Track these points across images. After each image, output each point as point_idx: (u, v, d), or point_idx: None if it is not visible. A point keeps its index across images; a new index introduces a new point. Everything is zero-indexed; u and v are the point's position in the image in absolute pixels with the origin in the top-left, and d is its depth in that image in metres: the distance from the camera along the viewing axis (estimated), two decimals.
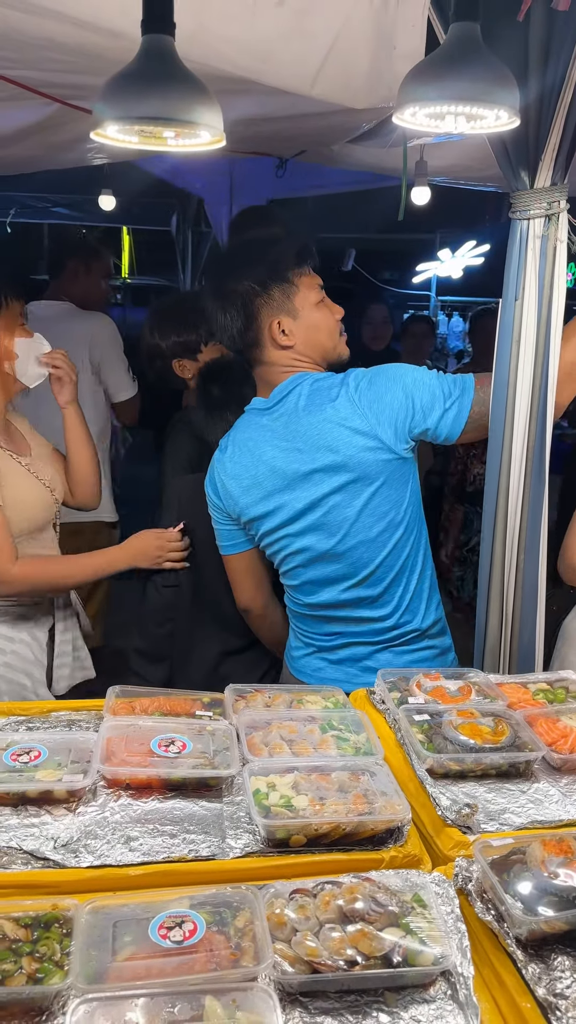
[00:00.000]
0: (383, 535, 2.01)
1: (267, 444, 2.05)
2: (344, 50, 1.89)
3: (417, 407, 1.94)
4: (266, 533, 2.09)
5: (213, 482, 2.15)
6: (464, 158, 3.29)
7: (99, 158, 3.46)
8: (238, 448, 2.09)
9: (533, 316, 1.88)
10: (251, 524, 2.11)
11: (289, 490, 2.03)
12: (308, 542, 2.04)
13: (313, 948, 1.11)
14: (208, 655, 2.42)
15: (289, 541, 2.07)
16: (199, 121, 1.33)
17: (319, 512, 2.01)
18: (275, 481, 2.03)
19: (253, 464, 2.06)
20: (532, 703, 1.72)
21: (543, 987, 1.09)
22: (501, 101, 1.42)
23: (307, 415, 1.99)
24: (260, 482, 2.05)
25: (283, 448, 2.02)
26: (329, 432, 1.97)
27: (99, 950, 1.11)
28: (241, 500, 2.08)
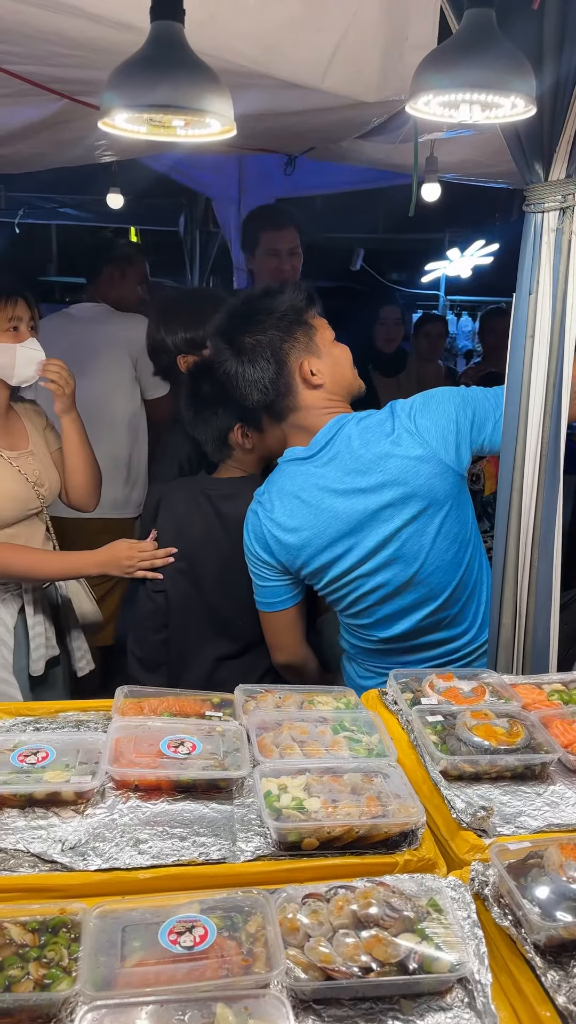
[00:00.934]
0: (458, 555, 2.02)
1: (322, 490, 2.00)
2: (355, 41, 1.87)
3: (474, 422, 2.00)
4: (334, 580, 2.05)
5: (263, 540, 2.06)
6: (475, 154, 3.26)
7: (107, 155, 3.44)
8: (288, 499, 2.03)
9: (548, 311, 1.85)
10: (315, 575, 2.05)
11: (357, 532, 1.99)
12: (385, 578, 2.01)
13: (327, 954, 1.09)
14: (203, 661, 2.37)
15: (362, 582, 2.03)
16: (209, 109, 1.31)
17: (394, 546, 1.99)
18: (340, 525, 1.99)
19: (312, 513, 2.00)
20: (547, 704, 1.69)
21: (563, 995, 1.06)
22: (517, 89, 1.39)
23: (364, 452, 1.98)
24: (323, 530, 2.00)
25: (342, 491, 1.99)
26: (393, 466, 1.96)
27: (107, 955, 1.08)
28: (303, 552, 2.02)
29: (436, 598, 2.03)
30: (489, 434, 2.01)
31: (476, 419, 2.00)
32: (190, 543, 2.37)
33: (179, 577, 2.39)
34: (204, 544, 2.35)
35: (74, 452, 2.49)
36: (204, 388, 2.37)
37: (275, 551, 2.05)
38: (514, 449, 1.91)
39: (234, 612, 2.33)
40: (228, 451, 2.39)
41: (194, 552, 2.37)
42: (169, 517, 2.41)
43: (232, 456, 2.39)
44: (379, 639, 2.11)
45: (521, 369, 1.88)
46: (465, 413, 1.99)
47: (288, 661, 2.22)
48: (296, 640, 2.19)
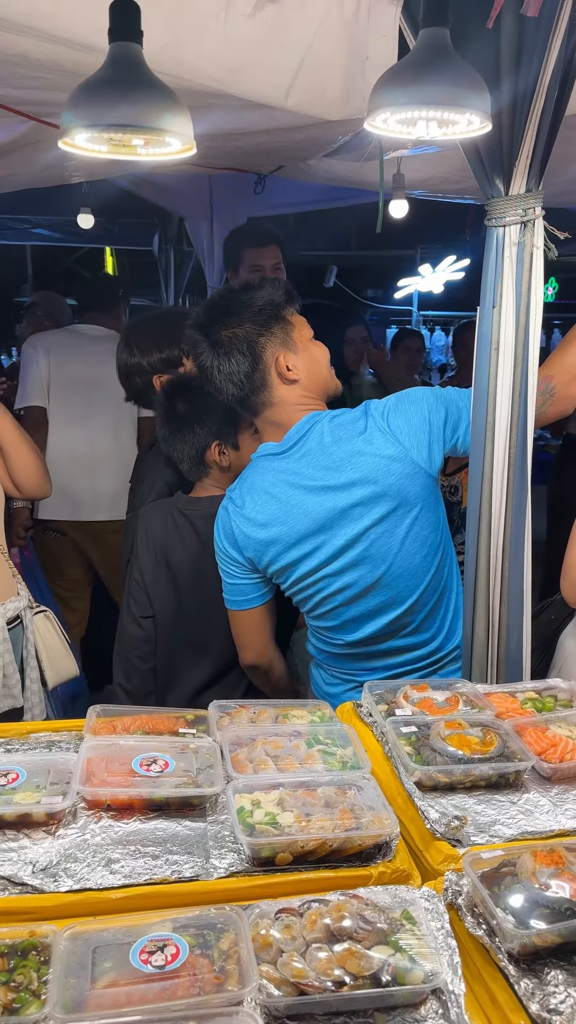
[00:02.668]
0: (426, 559, 2.02)
1: (293, 486, 2.00)
2: (317, 61, 1.89)
3: (447, 422, 2.00)
4: (300, 578, 2.04)
5: (231, 535, 2.05)
6: (441, 170, 3.31)
7: (77, 176, 3.46)
8: (258, 495, 2.02)
9: (511, 323, 1.87)
10: (282, 572, 2.04)
11: (326, 530, 1.98)
12: (351, 578, 2.01)
13: (300, 969, 1.08)
14: (187, 686, 2.36)
15: (328, 581, 2.02)
16: (168, 128, 1.32)
17: (361, 546, 1.98)
18: (308, 522, 1.99)
19: (281, 509, 1.99)
20: (520, 712, 1.70)
21: (536, 1003, 1.06)
22: (472, 105, 1.42)
23: (336, 449, 1.97)
24: (292, 526, 1.99)
25: (312, 487, 1.98)
26: (364, 464, 1.96)
27: (78, 977, 1.07)
28: (270, 549, 2.02)
29: (402, 603, 2.03)
30: (462, 434, 2.02)
31: (449, 419, 2.00)
32: (172, 567, 2.36)
33: (166, 601, 2.37)
34: (186, 566, 2.34)
35: (12, 444, 2.56)
36: (179, 406, 2.36)
37: (243, 547, 2.05)
38: (482, 460, 1.93)
39: (216, 633, 2.32)
40: (205, 470, 2.38)
41: (177, 575, 2.36)
42: (148, 542, 2.40)
43: (209, 475, 2.39)
44: (345, 643, 2.10)
45: (487, 381, 1.90)
46: (438, 413, 1.99)
47: (255, 661, 2.20)
48: (263, 640, 2.18)
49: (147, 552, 2.39)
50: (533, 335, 1.86)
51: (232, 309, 2.00)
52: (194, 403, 2.34)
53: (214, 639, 2.33)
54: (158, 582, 2.37)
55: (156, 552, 2.38)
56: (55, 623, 2.54)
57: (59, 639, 2.55)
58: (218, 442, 2.32)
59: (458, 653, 2.14)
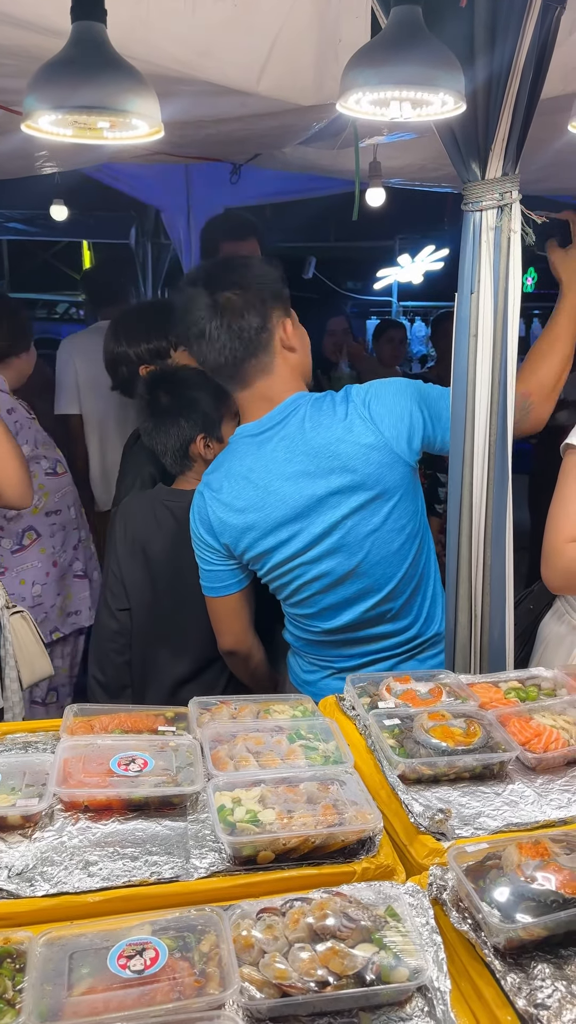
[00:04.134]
0: (403, 547, 2.00)
1: (271, 472, 1.97)
2: (288, 44, 1.85)
3: (427, 416, 1.98)
4: (277, 565, 2.01)
5: (206, 521, 2.02)
6: (418, 158, 3.28)
7: (49, 166, 3.40)
8: (236, 480, 1.99)
9: (489, 309, 1.85)
10: (258, 559, 2.02)
11: (303, 517, 1.96)
12: (328, 566, 1.99)
13: (282, 970, 1.05)
14: (165, 681, 2.33)
15: (305, 569, 2.00)
16: (134, 110, 1.28)
17: (338, 534, 1.96)
18: (285, 510, 1.96)
19: (259, 495, 1.97)
20: (504, 702, 1.68)
21: (523, 998, 1.04)
22: (445, 85, 1.39)
23: (315, 435, 1.94)
24: (269, 513, 1.97)
25: (290, 474, 1.96)
26: (343, 451, 1.93)
27: (54, 985, 1.04)
28: (247, 536, 1.99)
29: (379, 590, 2.01)
30: (442, 432, 2.00)
31: (431, 413, 1.99)
32: (150, 559, 2.33)
33: (142, 594, 2.34)
34: (164, 559, 2.31)
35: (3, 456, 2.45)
36: (163, 398, 2.33)
37: (219, 533, 2.02)
38: (462, 448, 1.91)
39: (195, 628, 2.29)
40: (189, 463, 2.35)
41: (154, 568, 2.33)
42: (126, 535, 2.36)
43: (192, 468, 2.36)
44: (322, 630, 2.08)
45: (466, 368, 1.88)
46: (419, 406, 1.98)
47: (233, 647, 2.18)
48: (242, 626, 2.15)
49: (124, 544, 2.36)
50: (512, 321, 1.84)
51: (240, 272, 1.98)
52: (179, 396, 2.31)
53: (193, 633, 2.30)
54: (134, 574, 2.34)
55: (134, 544, 2.35)
56: (31, 623, 2.50)
57: (35, 639, 2.51)
58: (204, 435, 2.30)
59: (437, 639, 2.13)
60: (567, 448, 1.95)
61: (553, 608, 2.18)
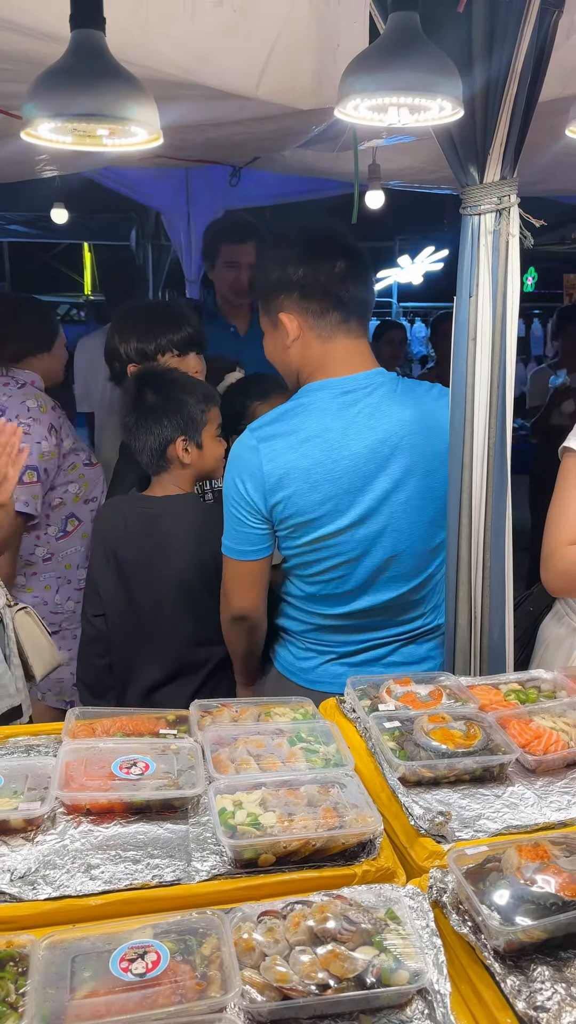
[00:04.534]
0: (439, 535, 2.03)
1: (351, 436, 1.88)
2: (287, 49, 1.87)
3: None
4: (324, 536, 1.93)
5: (257, 476, 1.89)
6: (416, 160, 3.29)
7: (49, 170, 3.41)
8: (308, 438, 1.88)
9: (488, 312, 1.86)
10: (303, 527, 1.92)
11: (368, 489, 1.90)
12: (371, 547, 1.95)
13: (283, 973, 1.06)
14: (143, 684, 2.32)
15: (353, 545, 1.94)
16: (133, 117, 1.29)
17: (391, 516, 1.94)
18: (354, 478, 1.88)
19: (331, 459, 1.87)
20: (504, 704, 1.69)
21: (523, 1000, 1.05)
22: (443, 91, 1.39)
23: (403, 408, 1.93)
24: (337, 478, 1.88)
25: (369, 443, 1.89)
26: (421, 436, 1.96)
27: (56, 988, 1.05)
28: (305, 498, 1.88)
29: (411, 580, 2.03)
30: None
31: None
32: (122, 564, 2.31)
33: (117, 600, 2.33)
34: (137, 565, 2.30)
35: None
36: (149, 396, 2.32)
37: (268, 492, 1.90)
38: (461, 451, 1.91)
39: (168, 632, 2.28)
40: (164, 464, 2.33)
41: (126, 574, 2.31)
42: (100, 540, 2.36)
43: (168, 470, 2.34)
44: (336, 614, 2.04)
45: (465, 371, 1.88)
46: None
47: (245, 611, 2.08)
48: (259, 592, 2.06)
49: (98, 550, 2.36)
50: (510, 324, 1.85)
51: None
52: (165, 396, 2.30)
53: (166, 638, 2.28)
54: (107, 580, 2.32)
55: (105, 550, 2.33)
56: (36, 618, 2.51)
57: (41, 632, 2.52)
58: (184, 438, 2.29)
59: (438, 629, 2.13)
60: (565, 451, 1.96)
61: (553, 610, 2.18)
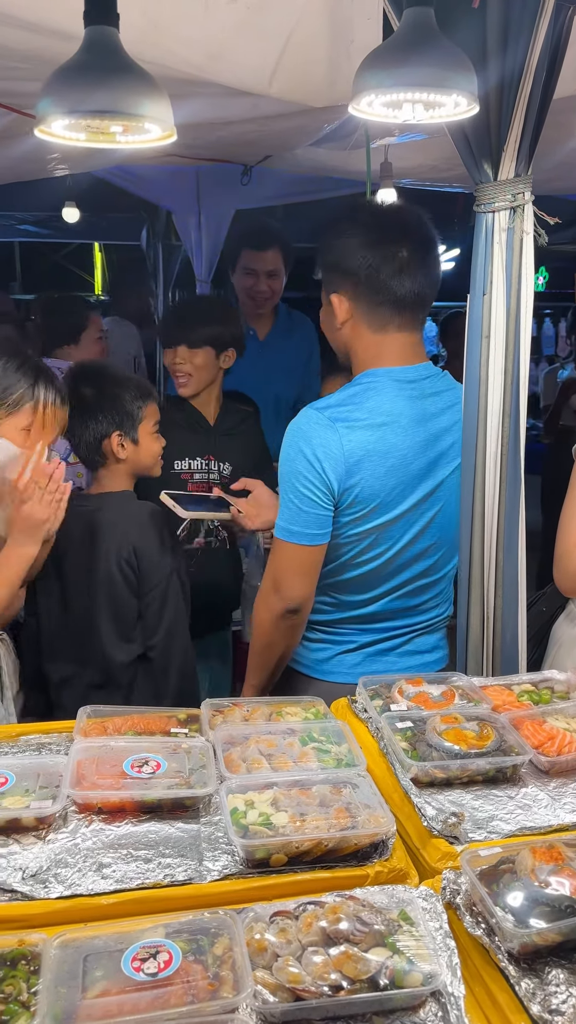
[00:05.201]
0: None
1: (421, 423, 1.93)
2: (300, 45, 1.86)
3: None
4: (388, 522, 1.91)
5: (337, 456, 1.84)
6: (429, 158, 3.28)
7: (61, 168, 3.41)
8: (384, 423, 1.87)
9: (502, 310, 1.85)
10: (372, 512, 1.89)
11: (429, 476, 1.95)
12: (426, 531, 1.98)
13: (295, 974, 1.05)
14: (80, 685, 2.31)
15: (407, 531, 1.95)
16: (147, 114, 1.28)
17: (439, 508, 1.99)
18: (421, 465, 1.93)
19: (406, 444, 1.89)
20: (517, 705, 1.68)
21: (537, 1003, 1.04)
22: (458, 87, 1.38)
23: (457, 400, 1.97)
24: (408, 464, 1.90)
25: (435, 430, 1.95)
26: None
27: (68, 987, 1.04)
28: (379, 483, 1.87)
29: (442, 569, 2.06)
30: None
31: None
32: (59, 562, 2.28)
33: (50, 599, 2.31)
34: (71, 563, 2.28)
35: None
36: (85, 391, 2.32)
37: (343, 473, 1.85)
38: (474, 451, 1.90)
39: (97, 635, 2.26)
40: (100, 459, 2.34)
41: (63, 572, 2.29)
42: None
43: (105, 466, 2.36)
44: (360, 601, 2.02)
45: (478, 369, 1.87)
46: None
47: (300, 601, 1.96)
48: (315, 583, 1.96)
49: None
50: (524, 322, 1.84)
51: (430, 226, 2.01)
52: (100, 390, 2.33)
53: (95, 642, 2.26)
54: (44, 577, 2.28)
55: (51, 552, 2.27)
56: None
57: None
58: (119, 433, 2.30)
59: (446, 620, 2.15)
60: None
61: (566, 610, 2.17)
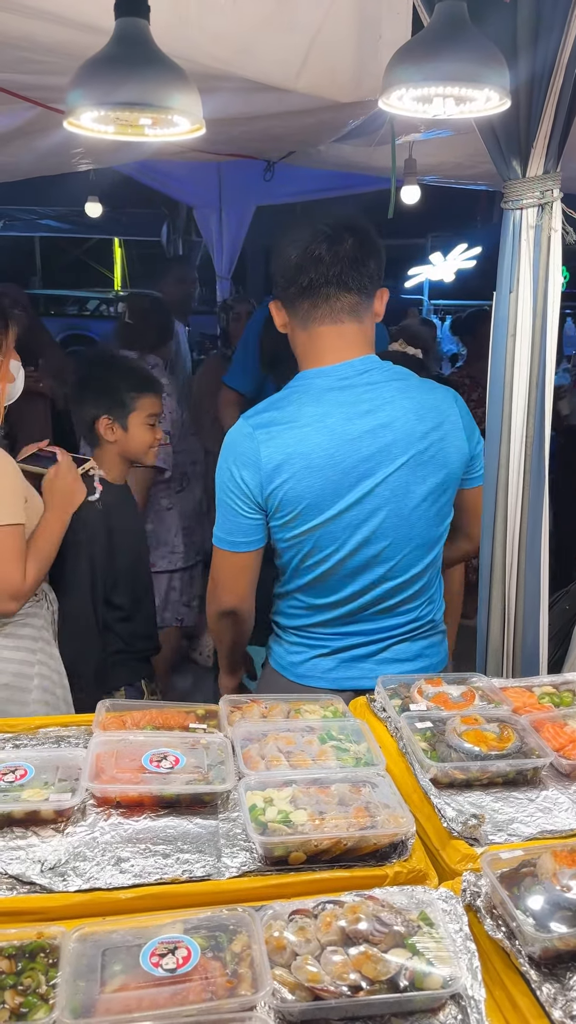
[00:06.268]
0: (435, 529, 1.94)
1: (352, 420, 1.83)
2: (328, 40, 1.85)
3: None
4: (322, 523, 1.87)
5: (254, 463, 1.85)
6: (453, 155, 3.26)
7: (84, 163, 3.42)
8: (308, 423, 1.84)
9: (529, 308, 1.83)
10: (301, 514, 1.87)
11: (368, 474, 1.85)
12: (373, 531, 1.88)
13: (314, 973, 1.05)
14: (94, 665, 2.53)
15: (349, 531, 1.88)
16: (176, 106, 1.28)
17: (392, 500, 1.87)
18: (355, 462, 1.83)
19: (333, 443, 1.83)
20: (538, 707, 1.66)
21: (559, 1008, 1.03)
22: (491, 81, 1.37)
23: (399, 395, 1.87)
24: (338, 463, 1.83)
25: (370, 426, 1.84)
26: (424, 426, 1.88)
27: (87, 981, 1.04)
28: (304, 483, 1.84)
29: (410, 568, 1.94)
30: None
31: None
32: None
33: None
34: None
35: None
36: (86, 373, 2.64)
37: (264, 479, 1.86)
38: (498, 449, 1.89)
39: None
40: (95, 440, 2.58)
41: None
42: None
43: (100, 446, 2.58)
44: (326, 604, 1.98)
45: (503, 368, 1.86)
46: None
47: (236, 606, 2.02)
48: (250, 585, 2.00)
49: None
50: (551, 320, 1.82)
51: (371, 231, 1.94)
52: (100, 375, 2.60)
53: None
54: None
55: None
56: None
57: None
58: (108, 417, 2.53)
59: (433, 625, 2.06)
60: None
61: None
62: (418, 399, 1.89)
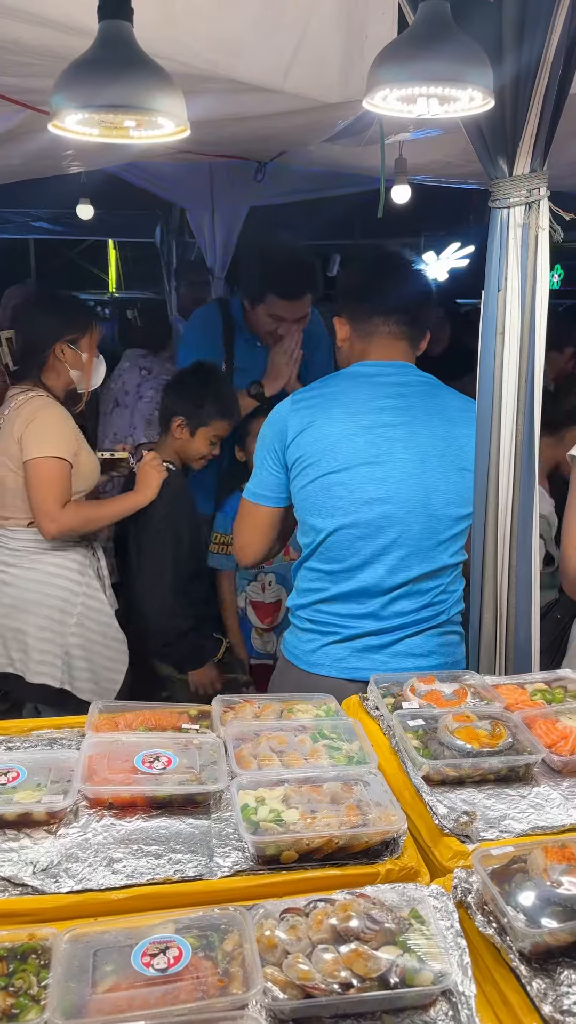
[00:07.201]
0: (452, 528, 2.03)
1: (375, 399, 2.04)
2: (314, 41, 1.85)
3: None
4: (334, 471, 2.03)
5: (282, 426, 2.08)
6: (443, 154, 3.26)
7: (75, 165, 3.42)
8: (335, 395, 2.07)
9: (517, 306, 1.83)
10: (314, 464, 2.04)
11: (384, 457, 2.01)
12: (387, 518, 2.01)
13: (305, 971, 1.05)
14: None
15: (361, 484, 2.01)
16: (160, 108, 1.28)
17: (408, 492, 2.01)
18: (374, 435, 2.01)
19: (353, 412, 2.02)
20: (530, 704, 1.67)
21: (549, 1004, 1.03)
22: (474, 81, 1.37)
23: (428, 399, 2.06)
24: (357, 420, 2.02)
25: (392, 414, 2.03)
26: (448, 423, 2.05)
27: (78, 982, 1.04)
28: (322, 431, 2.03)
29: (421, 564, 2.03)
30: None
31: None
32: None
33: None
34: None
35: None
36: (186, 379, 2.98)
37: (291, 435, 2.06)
38: (488, 448, 1.89)
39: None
40: (167, 433, 2.96)
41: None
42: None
43: (166, 436, 2.97)
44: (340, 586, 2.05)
45: (492, 367, 1.86)
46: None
47: (256, 560, 2.29)
48: (271, 542, 2.22)
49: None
50: (539, 318, 1.83)
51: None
52: (196, 388, 2.91)
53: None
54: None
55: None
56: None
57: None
58: (183, 420, 2.89)
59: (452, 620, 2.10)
60: (574, 460, 1.93)
61: None
62: (444, 399, 2.07)
